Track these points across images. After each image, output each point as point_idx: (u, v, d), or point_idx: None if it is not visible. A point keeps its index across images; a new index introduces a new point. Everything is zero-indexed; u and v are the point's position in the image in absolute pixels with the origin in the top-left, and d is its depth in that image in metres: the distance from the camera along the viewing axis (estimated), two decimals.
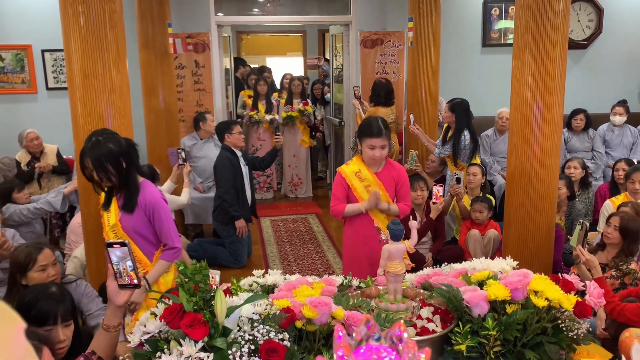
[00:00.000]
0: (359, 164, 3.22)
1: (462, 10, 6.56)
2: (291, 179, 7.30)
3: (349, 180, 3.20)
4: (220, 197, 4.91)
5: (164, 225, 2.80)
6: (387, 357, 0.51)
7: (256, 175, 7.01)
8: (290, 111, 6.99)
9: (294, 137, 7.21)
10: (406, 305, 1.98)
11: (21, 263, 2.61)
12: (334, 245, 5.54)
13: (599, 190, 4.91)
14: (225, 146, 5.03)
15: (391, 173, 3.23)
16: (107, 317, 1.81)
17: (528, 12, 3.29)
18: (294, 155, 7.22)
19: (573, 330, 1.82)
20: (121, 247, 1.71)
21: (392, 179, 3.22)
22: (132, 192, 2.75)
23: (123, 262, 1.72)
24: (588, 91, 6.79)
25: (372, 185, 3.17)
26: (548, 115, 3.34)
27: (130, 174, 2.72)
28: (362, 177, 3.18)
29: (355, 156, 3.29)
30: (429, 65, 5.68)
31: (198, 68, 6.19)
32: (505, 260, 2.26)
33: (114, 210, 2.81)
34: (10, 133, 5.67)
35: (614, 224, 3.21)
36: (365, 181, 3.18)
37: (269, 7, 8.45)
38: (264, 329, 1.59)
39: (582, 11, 6.74)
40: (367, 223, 3.22)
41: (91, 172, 2.66)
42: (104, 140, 2.64)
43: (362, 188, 3.19)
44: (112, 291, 1.77)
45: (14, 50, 5.91)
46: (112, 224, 2.80)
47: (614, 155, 5.85)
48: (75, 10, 3.03)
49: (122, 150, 2.66)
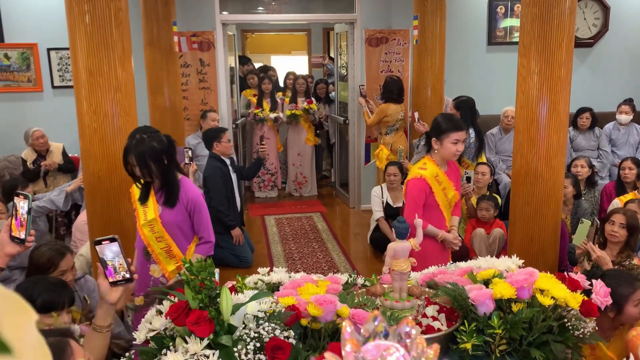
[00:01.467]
0: (433, 166, 3.10)
1: (468, 8, 6.53)
2: (296, 178, 7.30)
3: (433, 185, 3.08)
4: (215, 208, 4.81)
5: (203, 220, 2.95)
6: (395, 353, 0.51)
7: (261, 174, 7.01)
8: (294, 109, 6.99)
9: (299, 136, 7.20)
10: (411, 303, 1.98)
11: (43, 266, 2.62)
12: (338, 244, 5.54)
13: (605, 189, 4.89)
14: (214, 155, 4.92)
15: (454, 171, 3.22)
16: (99, 317, 1.78)
17: (534, 10, 3.28)
18: (299, 153, 7.22)
19: (579, 329, 1.81)
20: (111, 242, 1.69)
21: (454, 177, 3.19)
22: (173, 188, 2.86)
23: (119, 257, 1.71)
24: (594, 90, 6.76)
25: (448, 187, 3.10)
26: (554, 113, 3.32)
27: (171, 170, 2.85)
28: (440, 180, 3.09)
29: (425, 158, 3.16)
30: (434, 64, 5.67)
31: (203, 66, 6.20)
32: (511, 258, 2.25)
33: (152, 206, 2.88)
34: (16, 131, 5.69)
35: (619, 222, 3.19)
36: (442, 184, 3.10)
37: (274, 5, 8.45)
38: (269, 327, 1.59)
39: (588, 9, 6.71)
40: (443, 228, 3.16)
41: (133, 168, 2.77)
42: (148, 138, 2.75)
43: (440, 192, 3.09)
44: (105, 289, 1.75)
45: (20, 49, 5.93)
46: (150, 218, 2.87)
47: (620, 154, 5.82)
48: (80, 9, 3.04)
49: (163, 148, 2.78)
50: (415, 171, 3.11)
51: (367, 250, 5.40)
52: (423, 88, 5.78)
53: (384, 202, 5.18)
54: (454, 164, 3.24)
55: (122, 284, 1.75)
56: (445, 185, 3.11)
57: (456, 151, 3.05)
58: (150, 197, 2.89)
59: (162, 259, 2.94)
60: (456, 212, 3.27)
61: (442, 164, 3.14)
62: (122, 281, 1.74)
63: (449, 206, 3.18)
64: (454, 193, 3.16)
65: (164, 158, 2.78)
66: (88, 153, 3.20)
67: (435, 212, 3.13)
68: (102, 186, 3.19)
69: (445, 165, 3.16)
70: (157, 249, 2.92)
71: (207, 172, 4.91)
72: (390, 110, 5.69)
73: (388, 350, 0.52)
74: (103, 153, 3.16)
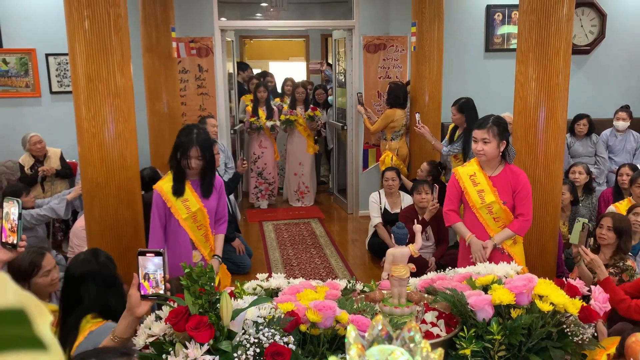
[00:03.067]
0: (474, 165, 3.09)
1: (465, 15, 6.56)
2: (298, 187, 7.14)
3: (462, 182, 3.08)
4: None
5: (224, 201, 3.23)
6: (400, 358, 0.51)
7: (258, 184, 6.94)
8: (289, 115, 6.84)
9: (300, 145, 7.05)
10: (410, 309, 1.97)
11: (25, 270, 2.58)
12: (336, 250, 5.54)
13: (603, 195, 4.90)
14: None
15: (508, 178, 3.03)
16: (121, 328, 1.73)
17: (532, 17, 3.30)
18: (300, 163, 7.08)
19: (578, 335, 1.82)
20: (156, 255, 1.68)
21: (508, 185, 3.01)
22: (213, 177, 3.10)
23: (160, 271, 1.69)
24: (591, 96, 6.78)
25: (486, 191, 3.01)
26: (552, 120, 3.34)
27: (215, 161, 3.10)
28: (477, 181, 3.04)
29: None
30: (432, 70, 5.70)
31: (201, 72, 6.21)
32: (510, 264, 2.25)
33: (193, 197, 3.03)
34: (13, 136, 5.68)
35: (606, 225, 3.28)
36: (479, 186, 3.03)
37: (272, 11, 8.47)
38: (269, 332, 1.59)
39: (585, 16, 6.74)
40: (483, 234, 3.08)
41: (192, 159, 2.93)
42: (204, 131, 3.02)
43: (475, 193, 3.04)
44: (135, 302, 1.72)
45: (18, 54, 5.93)
46: (195, 209, 3.02)
47: (617, 160, 5.84)
48: (80, 14, 3.04)
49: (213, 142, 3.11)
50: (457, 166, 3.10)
51: (365, 256, 5.40)
52: (421, 94, 5.80)
53: (382, 208, 5.19)
54: (514, 173, 3.04)
55: (152, 299, 1.72)
56: (484, 188, 3.01)
57: (476, 150, 3.01)
58: (188, 190, 3.02)
59: (201, 245, 3.13)
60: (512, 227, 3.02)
61: (488, 166, 3.06)
62: (153, 297, 1.70)
63: (489, 212, 3.04)
64: (495, 200, 3.00)
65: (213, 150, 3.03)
66: (86, 159, 3.20)
67: (468, 212, 3.11)
68: (100, 192, 3.18)
69: (495, 169, 3.05)
70: (198, 236, 3.09)
71: None
72: (396, 116, 5.72)
73: (393, 354, 0.52)
74: (101, 159, 3.15)
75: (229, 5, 8.25)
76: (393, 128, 5.79)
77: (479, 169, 3.07)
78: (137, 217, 3.35)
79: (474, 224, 3.10)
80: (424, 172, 5.33)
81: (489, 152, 2.97)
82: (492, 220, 3.06)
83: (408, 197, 5.22)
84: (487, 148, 2.96)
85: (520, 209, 3.02)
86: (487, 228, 3.07)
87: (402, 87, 5.86)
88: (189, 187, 3.04)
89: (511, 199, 3.03)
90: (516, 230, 3.04)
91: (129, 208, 3.27)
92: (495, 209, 3.02)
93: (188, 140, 2.96)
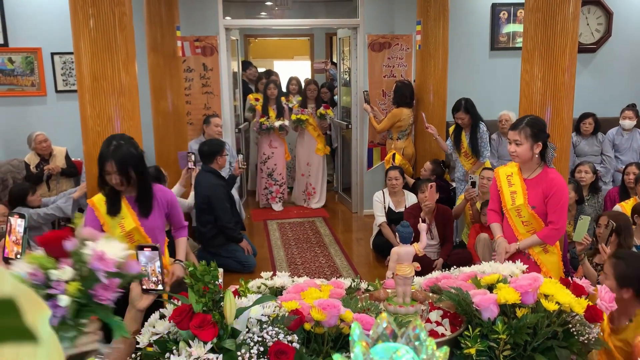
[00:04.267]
0: (512, 166, 3.07)
1: (470, 13, 6.54)
2: (305, 188, 7.00)
3: (499, 181, 3.07)
4: (222, 225, 4.81)
5: (178, 212, 3.09)
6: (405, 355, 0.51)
7: (268, 185, 6.78)
8: (300, 114, 6.70)
9: (309, 146, 6.89)
10: (415, 308, 1.97)
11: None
12: (340, 249, 5.53)
13: (609, 194, 4.88)
14: (212, 170, 4.79)
15: (542, 182, 2.94)
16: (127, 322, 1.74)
17: (537, 15, 3.28)
18: (308, 163, 6.93)
19: (584, 335, 1.80)
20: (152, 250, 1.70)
21: (540, 190, 2.94)
22: (150, 195, 2.86)
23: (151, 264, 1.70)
24: (597, 95, 6.75)
25: (518, 193, 2.96)
26: (557, 118, 3.33)
27: (147, 177, 2.85)
28: (512, 182, 3.01)
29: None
30: (437, 69, 5.68)
31: (206, 71, 6.21)
32: (515, 264, 2.24)
33: (129, 215, 2.81)
34: (19, 135, 5.70)
35: (604, 224, 3.30)
36: (513, 187, 2.99)
37: (277, 10, 8.46)
38: (272, 331, 1.59)
39: (591, 15, 6.71)
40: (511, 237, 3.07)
41: (110, 175, 2.70)
42: (126, 144, 2.73)
43: (508, 194, 3.01)
44: (136, 295, 1.74)
45: (24, 53, 5.94)
46: (131, 228, 2.80)
47: (623, 159, 5.81)
48: (85, 13, 3.05)
49: (140, 155, 2.78)
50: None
51: (369, 255, 5.39)
52: (426, 93, 5.79)
53: (386, 207, 5.18)
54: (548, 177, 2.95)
55: (153, 293, 1.74)
56: (517, 190, 2.97)
57: (510, 151, 2.98)
58: (124, 207, 2.81)
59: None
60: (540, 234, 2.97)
61: (525, 168, 3.01)
62: (154, 290, 1.73)
63: (518, 215, 2.99)
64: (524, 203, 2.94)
65: (142, 165, 2.76)
66: (91, 157, 3.20)
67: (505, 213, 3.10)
68: None
69: (532, 172, 2.99)
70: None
71: (209, 191, 4.72)
72: (403, 115, 5.71)
73: (397, 352, 0.51)
74: None
75: (233, 4, 8.25)
76: (399, 127, 5.78)
77: (517, 170, 3.03)
78: None
79: (506, 226, 3.08)
80: (427, 171, 5.32)
81: (522, 154, 2.91)
82: (520, 224, 3.01)
83: (412, 196, 5.21)
84: (520, 150, 2.90)
85: (551, 216, 2.94)
86: (515, 231, 3.03)
87: (409, 85, 5.85)
88: (125, 204, 2.81)
89: (542, 205, 2.95)
90: (543, 238, 2.96)
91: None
92: (524, 212, 2.97)
93: (104, 153, 2.70)
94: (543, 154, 2.96)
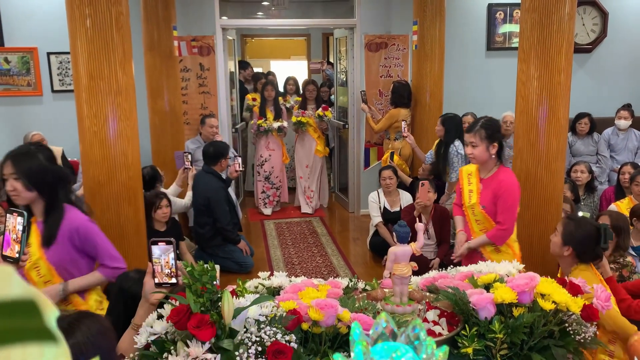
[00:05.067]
0: (474, 166, 3.13)
1: (467, 13, 6.55)
2: (304, 191, 6.86)
3: (461, 180, 3.15)
4: (221, 227, 4.83)
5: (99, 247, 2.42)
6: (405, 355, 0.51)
7: (265, 189, 6.68)
8: (301, 116, 6.61)
9: (308, 147, 6.80)
10: (412, 308, 1.97)
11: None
12: (337, 248, 5.54)
13: (604, 193, 4.91)
14: (213, 172, 4.79)
15: (492, 183, 3.02)
16: (139, 316, 1.78)
17: (533, 16, 3.29)
18: (307, 165, 6.81)
19: (580, 334, 1.81)
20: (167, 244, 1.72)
21: (490, 190, 3.01)
22: (57, 220, 2.33)
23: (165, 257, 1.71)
24: (592, 95, 6.78)
25: (473, 192, 3.04)
26: (553, 118, 3.34)
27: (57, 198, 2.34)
28: (471, 180, 3.09)
29: None
30: (433, 69, 5.69)
31: (203, 71, 6.20)
32: (512, 263, 2.25)
33: (35, 243, 2.32)
34: (15, 135, 5.68)
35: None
36: (471, 186, 3.07)
37: (274, 10, 8.46)
38: (270, 331, 1.59)
39: (586, 15, 6.73)
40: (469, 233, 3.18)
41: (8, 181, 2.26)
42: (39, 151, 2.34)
43: (466, 192, 3.09)
44: (149, 289, 1.76)
45: (20, 53, 5.93)
46: (36, 258, 2.32)
47: (619, 159, 5.84)
48: (81, 12, 3.04)
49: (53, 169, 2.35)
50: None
51: (366, 255, 5.40)
52: (422, 93, 5.80)
53: (382, 207, 5.19)
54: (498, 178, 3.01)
55: (167, 287, 1.75)
56: (473, 189, 3.05)
57: (467, 153, 3.06)
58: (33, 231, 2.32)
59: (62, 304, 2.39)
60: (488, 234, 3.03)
61: (483, 168, 3.08)
62: (167, 284, 1.74)
63: (472, 213, 3.08)
64: (476, 202, 3.02)
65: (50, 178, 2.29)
66: (88, 157, 3.20)
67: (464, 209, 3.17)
68: (102, 190, 3.19)
69: (488, 172, 3.06)
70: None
71: (209, 193, 4.73)
72: (401, 116, 5.72)
73: (397, 352, 0.52)
74: (103, 157, 3.16)
75: (230, 4, 8.24)
76: (397, 128, 5.78)
77: (476, 169, 3.12)
78: (138, 215, 3.36)
79: (465, 223, 3.20)
80: (425, 171, 5.33)
81: (479, 155, 3.00)
82: (475, 222, 3.10)
83: (407, 195, 5.23)
84: (476, 152, 2.99)
85: (499, 216, 3.01)
86: (471, 229, 3.14)
87: (406, 86, 5.86)
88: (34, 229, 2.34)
89: (491, 205, 3.01)
90: (490, 238, 3.03)
91: (131, 206, 3.27)
92: (477, 211, 3.06)
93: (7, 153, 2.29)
94: (500, 154, 3.04)
